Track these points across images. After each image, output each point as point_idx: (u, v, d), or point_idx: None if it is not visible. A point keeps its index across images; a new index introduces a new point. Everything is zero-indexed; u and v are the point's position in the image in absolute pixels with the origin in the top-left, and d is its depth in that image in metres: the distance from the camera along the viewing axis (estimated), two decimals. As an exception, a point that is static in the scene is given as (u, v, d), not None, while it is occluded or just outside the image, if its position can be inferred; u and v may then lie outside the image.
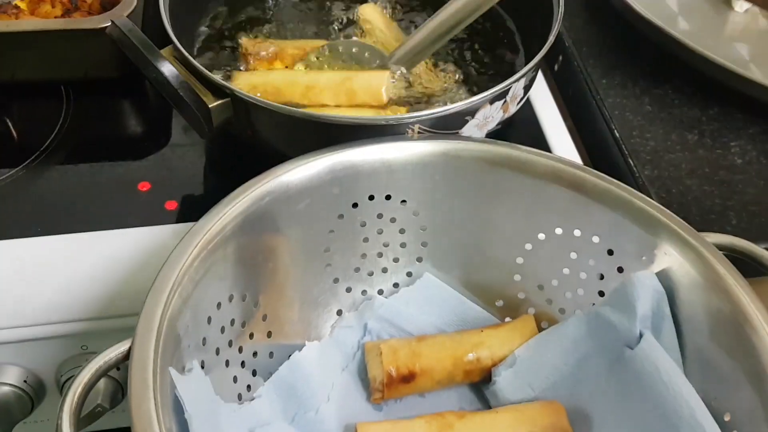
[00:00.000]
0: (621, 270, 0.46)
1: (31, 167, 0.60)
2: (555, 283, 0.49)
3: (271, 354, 0.48)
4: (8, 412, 0.54)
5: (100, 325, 0.54)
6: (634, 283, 0.43)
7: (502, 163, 0.49)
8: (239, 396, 0.45)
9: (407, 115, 0.51)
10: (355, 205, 0.49)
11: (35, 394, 0.55)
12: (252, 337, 0.46)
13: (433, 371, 0.48)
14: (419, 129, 0.52)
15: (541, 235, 0.49)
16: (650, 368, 0.41)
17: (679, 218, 0.45)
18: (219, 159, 0.64)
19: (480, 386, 0.49)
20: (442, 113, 0.52)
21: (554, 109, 0.69)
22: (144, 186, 0.60)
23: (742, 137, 0.63)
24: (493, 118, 0.56)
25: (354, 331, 0.50)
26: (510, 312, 0.51)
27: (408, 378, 0.47)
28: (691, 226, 0.44)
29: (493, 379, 0.47)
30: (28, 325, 0.52)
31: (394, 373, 0.47)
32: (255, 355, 0.46)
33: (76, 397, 0.36)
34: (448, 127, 0.54)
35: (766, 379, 0.37)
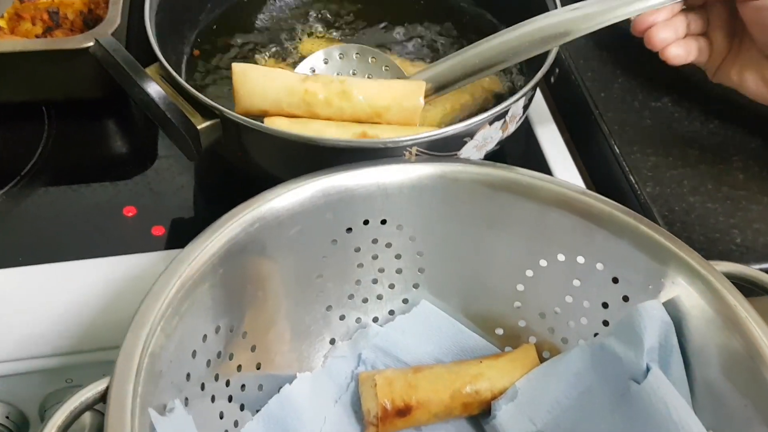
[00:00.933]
0: (626, 299, 0.44)
1: (12, 193, 0.58)
2: (557, 311, 0.47)
3: (260, 387, 0.46)
4: (-10, 449, 0.52)
5: (86, 358, 0.52)
6: (641, 314, 0.42)
7: (502, 187, 0.47)
8: (226, 433, 0.43)
9: (404, 138, 0.50)
10: (349, 230, 0.47)
11: (18, 430, 0.53)
12: (240, 369, 0.44)
13: (430, 404, 0.46)
14: (417, 151, 0.51)
15: (543, 262, 0.47)
16: (659, 404, 0.40)
17: (687, 246, 0.43)
18: (209, 181, 0.62)
19: (479, 420, 0.47)
20: (440, 135, 0.50)
21: (551, 124, 0.67)
22: (129, 211, 0.58)
23: (743, 152, 0.62)
24: (492, 138, 0.55)
25: (347, 361, 0.49)
26: (510, 341, 0.49)
27: (404, 411, 0.46)
28: (699, 254, 0.43)
29: (493, 413, 0.46)
30: (10, 360, 0.50)
31: (389, 406, 0.45)
32: (243, 388, 0.45)
33: (50, 440, 0.34)
34: (447, 148, 0.52)
35: (781, 419, 0.36)
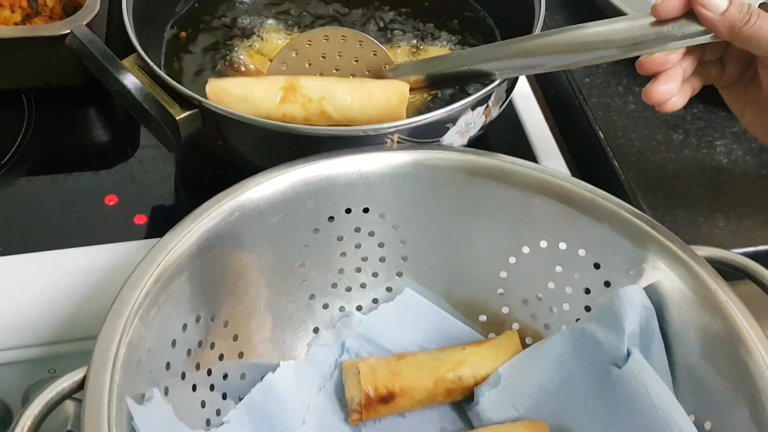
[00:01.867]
0: (608, 284, 0.44)
1: (-8, 182, 0.57)
2: (540, 297, 0.47)
3: (243, 375, 0.46)
4: (-28, 441, 0.52)
5: (68, 348, 0.51)
6: (622, 299, 0.42)
7: (484, 174, 0.47)
8: (207, 422, 0.43)
9: (385, 125, 0.49)
10: (331, 219, 0.47)
11: (1, 422, 0.53)
12: (222, 358, 0.44)
13: (414, 391, 0.46)
14: (398, 138, 0.51)
15: (526, 248, 0.47)
16: (639, 389, 0.40)
17: (667, 230, 0.43)
18: (190, 169, 0.62)
19: (463, 405, 0.47)
20: (422, 122, 0.50)
21: (536, 110, 0.67)
22: (111, 200, 0.58)
23: (726, 136, 0.62)
24: (475, 123, 0.54)
25: (331, 349, 0.49)
26: (493, 327, 0.49)
27: (387, 398, 0.46)
28: (680, 239, 0.43)
29: (476, 399, 0.46)
30: (-9, 351, 0.50)
31: (372, 393, 0.45)
32: (225, 377, 0.44)
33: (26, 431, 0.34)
34: (429, 135, 0.52)
35: (760, 402, 0.36)
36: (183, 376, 0.41)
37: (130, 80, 0.48)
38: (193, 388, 0.42)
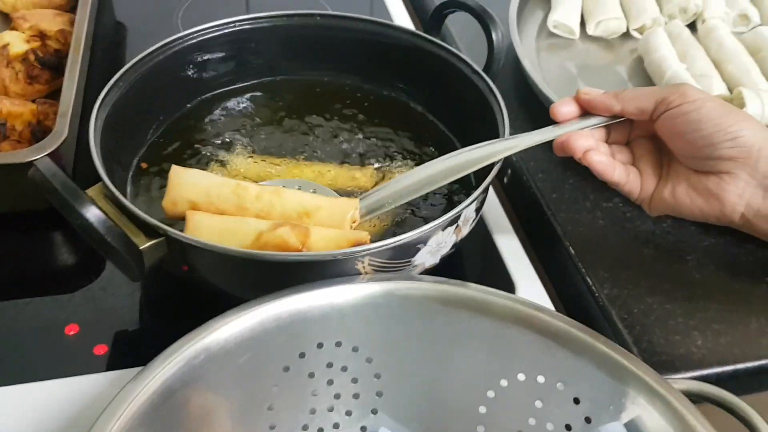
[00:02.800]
0: (588, 420, 0.43)
1: (-55, 313, 0.55)
2: (520, 434, 0.46)
3: None
4: None
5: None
6: (605, 439, 0.40)
7: (457, 304, 0.46)
8: None
9: (356, 249, 0.49)
10: (302, 355, 0.45)
11: None
12: None
13: None
14: (370, 261, 0.50)
15: (504, 382, 0.46)
16: None
17: (644, 364, 0.42)
18: (156, 293, 0.60)
19: None
20: (393, 244, 0.50)
21: (506, 222, 0.67)
22: (71, 329, 0.56)
23: (697, 250, 0.62)
24: (446, 243, 0.54)
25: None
26: (473, 466, 0.47)
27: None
28: (657, 374, 0.42)
29: None
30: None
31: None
32: None
33: None
34: (400, 256, 0.52)
35: None
36: None
37: (93, 213, 0.46)
38: None
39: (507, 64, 0.73)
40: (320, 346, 0.46)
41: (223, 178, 0.55)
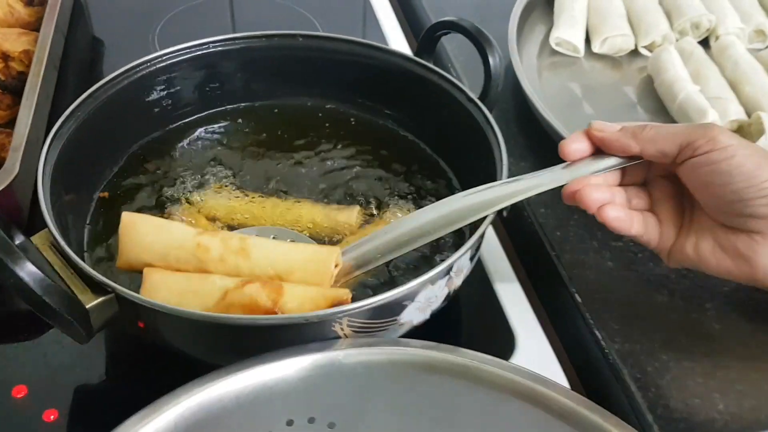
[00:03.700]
0: None
1: None
2: None
3: None
4: None
5: None
6: None
7: (447, 372, 0.41)
8: None
9: (331, 310, 0.43)
10: (267, 437, 0.39)
11: None
12: None
13: None
14: (348, 322, 0.44)
15: (498, 464, 0.40)
16: None
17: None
18: (116, 350, 0.54)
19: None
20: (375, 303, 0.43)
21: (505, 263, 0.61)
22: (19, 391, 0.50)
23: (716, 297, 0.56)
24: (437, 297, 0.48)
25: None
26: None
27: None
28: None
29: None
30: None
31: None
32: None
33: None
34: (384, 315, 0.46)
35: None
36: None
37: (28, 271, 0.40)
38: None
39: (506, 84, 0.67)
40: (290, 423, 0.40)
41: (183, 231, 0.48)
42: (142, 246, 0.47)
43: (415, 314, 0.48)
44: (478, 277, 0.59)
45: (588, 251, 0.59)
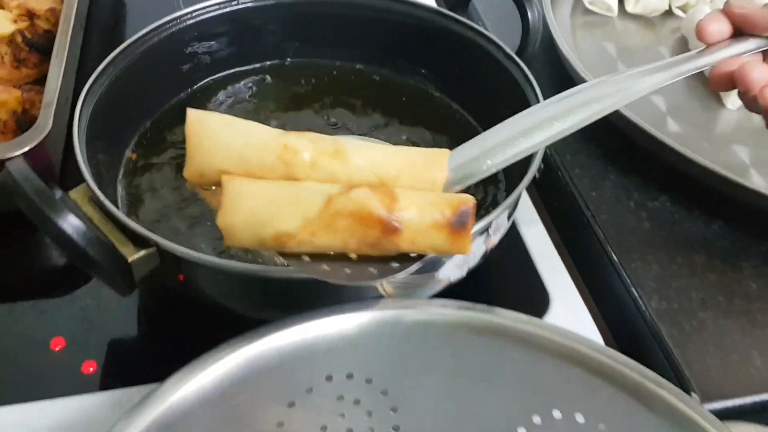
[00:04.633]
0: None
1: None
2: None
3: None
4: None
5: None
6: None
7: (484, 333, 0.40)
8: None
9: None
10: (309, 390, 0.39)
11: None
12: None
13: None
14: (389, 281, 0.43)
15: (537, 419, 0.40)
16: None
17: (704, 409, 0.36)
18: (152, 302, 0.54)
19: None
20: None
21: (539, 225, 0.60)
22: (57, 343, 0.50)
23: (754, 255, 0.55)
24: (474, 254, 0.48)
25: None
26: None
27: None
28: (717, 418, 0.35)
29: None
30: None
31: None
32: None
33: None
34: (423, 270, 0.45)
35: None
36: None
37: (70, 223, 0.40)
38: None
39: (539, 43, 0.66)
40: (329, 378, 0.40)
41: (265, 130, 0.39)
42: (216, 147, 0.38)
43: (453, 271, 0.47)
44: (512, 239, 0.58)
45: (625, 212, 0.58)
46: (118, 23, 0.83)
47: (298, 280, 0.42)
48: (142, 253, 0.43)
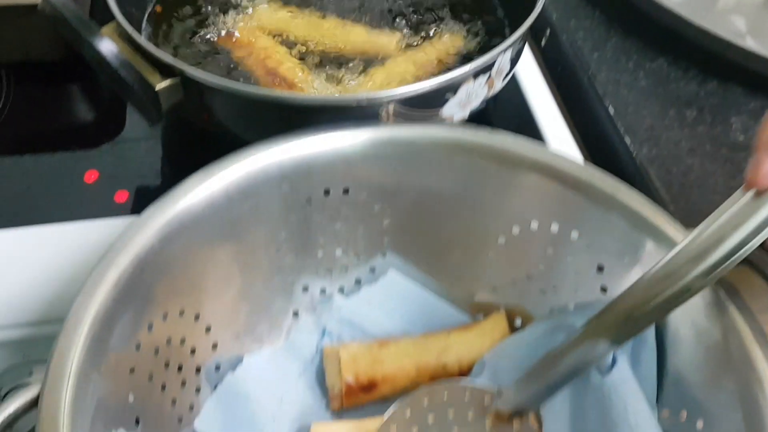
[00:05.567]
0: (601, 269, 0.41)
1: (-34, 158, 0.55)
2: (529, 279, 0.44)
3: (217, 367, 0.43)
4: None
5: (44, 331, 0.49)
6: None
7: (472, 151, 0.44)
8: (180, 419, 0.40)
9: (380, 93, 0.46)
10: (308, 201, 0.44)
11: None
12: (193, 352, 0.42)
13: (396, 379, 0.43)
14: (395, 109, 0.47)
15: (516, 228, 0.44)
16: (618, 403, 0.37)
17: (669, 216, 0.39)
18: (176, 145, 0.59)
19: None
20: (420, 90, 0.46)
21: (543, 86, 0.63)
22: (91, 175, 0.55)
23: (742, 112, 0.58)
24: (477, 95, 0.51)
25: (312, 334, 0.46)
26: (481, 308, 0.46)
27: (369, 387, 0.43)
28: (682, 226, 0.39)
29: (461, 390, 0.43)
30: (-38, 332, 0.48)
31: (353, 382, 0.43)
32: (198, 371, 0.42)
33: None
34: (427, 105, 0.48)
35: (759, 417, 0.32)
36: (150, 377, 0.38)
37: (106, 46, 0.45)
38: (162, 387, 0.39)
39: None
40: (327, 192, 0.44)
41: None
42: None
43: (456, 109, 0.50)
44: (514, 95, 0.61)
45: (623, 71, 0.61)
46: None
47: (310, 105, 0.46)
48: (168, 82, 0.47)
